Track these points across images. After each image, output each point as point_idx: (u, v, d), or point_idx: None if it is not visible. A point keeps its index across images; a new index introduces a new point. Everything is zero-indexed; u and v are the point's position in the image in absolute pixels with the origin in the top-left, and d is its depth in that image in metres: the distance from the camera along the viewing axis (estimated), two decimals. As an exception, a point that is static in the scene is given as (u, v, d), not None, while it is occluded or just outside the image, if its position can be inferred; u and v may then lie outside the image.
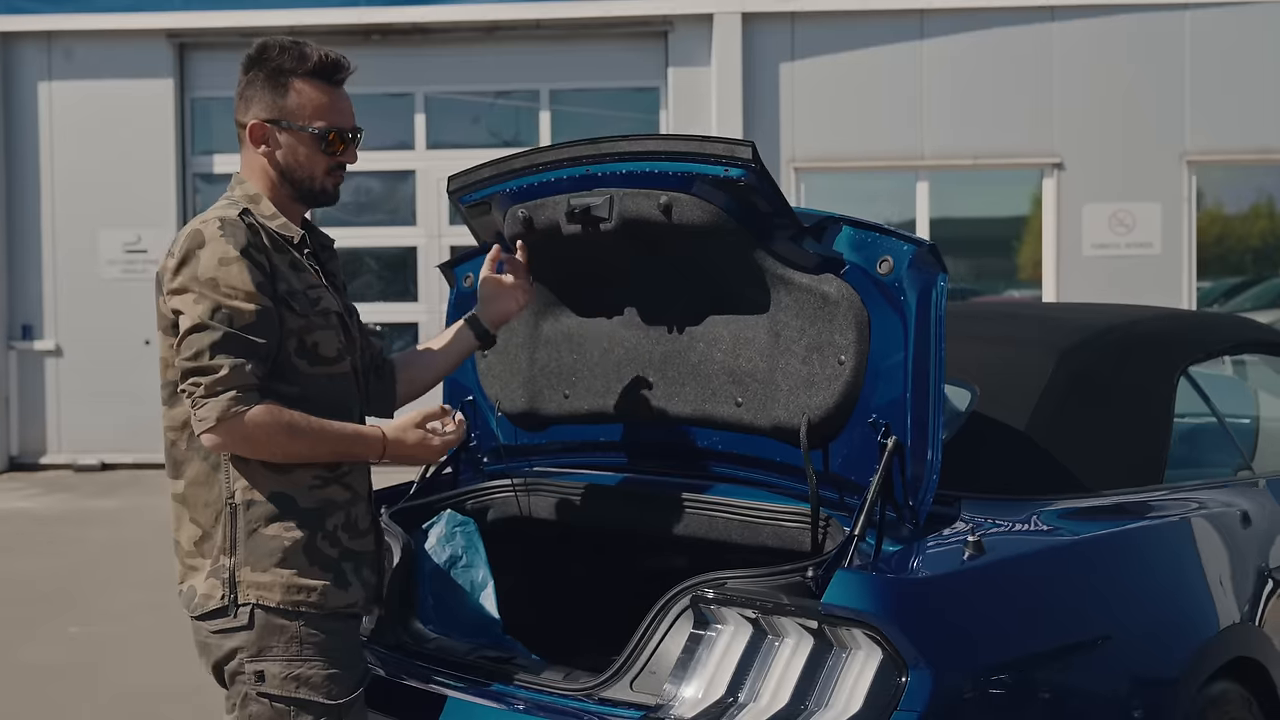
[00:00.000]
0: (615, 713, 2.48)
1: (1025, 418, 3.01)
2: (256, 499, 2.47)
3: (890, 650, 2.31)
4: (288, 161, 2.58)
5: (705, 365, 2.96)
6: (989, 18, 10.86)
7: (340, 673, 2.50)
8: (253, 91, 2.59)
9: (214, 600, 2.47)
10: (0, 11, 10.98)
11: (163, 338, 2.53)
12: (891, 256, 2.64)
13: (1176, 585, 2.84)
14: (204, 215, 2.53)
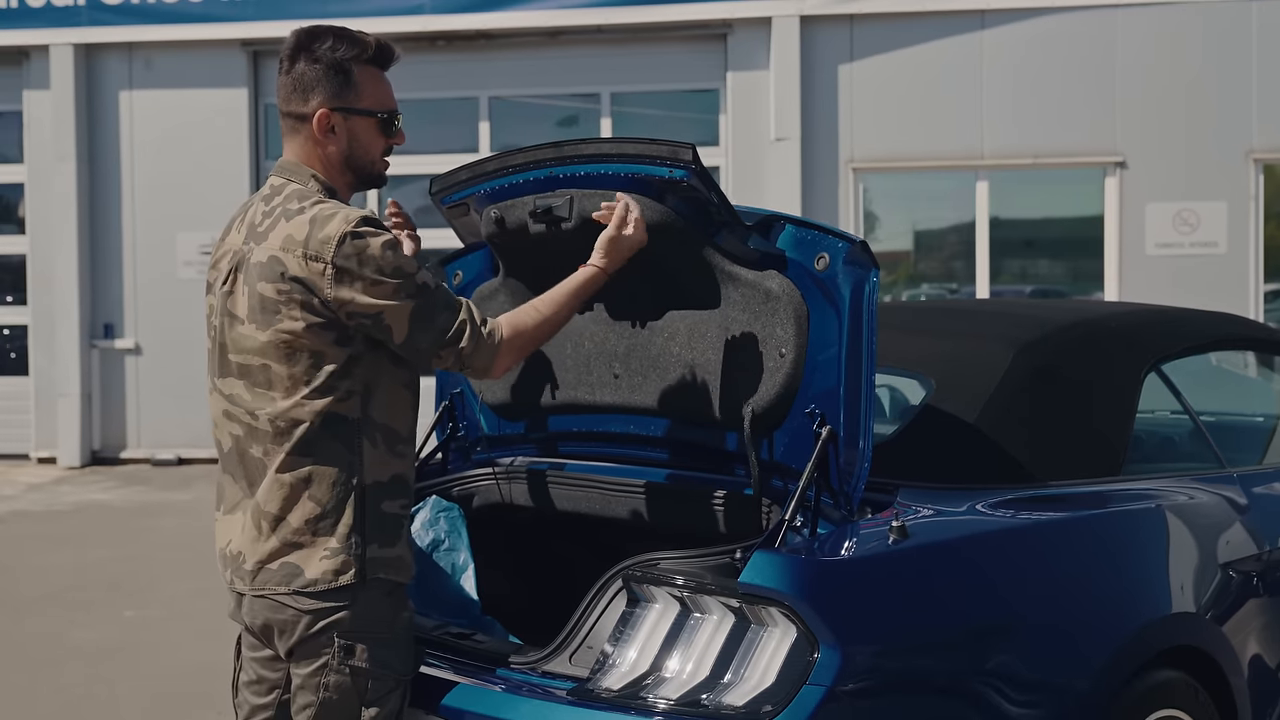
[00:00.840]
0: (552, 684, 2.62)
1: (978, 410, 3.09)
2: (382, 479, 2.62)
3: (803, 628, 2.42)
4: (352, 147, 2.71)
5: (664, 358, 3.10)
6: (1049, 15, 10.80)
7: (408, 651, 2.68)
8: (313, 81, 2.67)
9: (345, 577, 2.54)
10: (84, 24, 11.45)
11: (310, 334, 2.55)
12: (828, 253, 2.75)
13: (1111, 574, 2.90)
14: (329, 217, 2.56)
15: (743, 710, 2.41)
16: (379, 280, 2.53)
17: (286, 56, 2.72)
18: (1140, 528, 3.06)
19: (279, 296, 2.56)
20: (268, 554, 2.59)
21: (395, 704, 2.63)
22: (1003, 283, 11.20)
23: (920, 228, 11.84)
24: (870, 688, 2.46)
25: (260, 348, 2.60)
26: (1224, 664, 3.07)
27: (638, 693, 2.51)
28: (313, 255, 2.54)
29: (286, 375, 2.58)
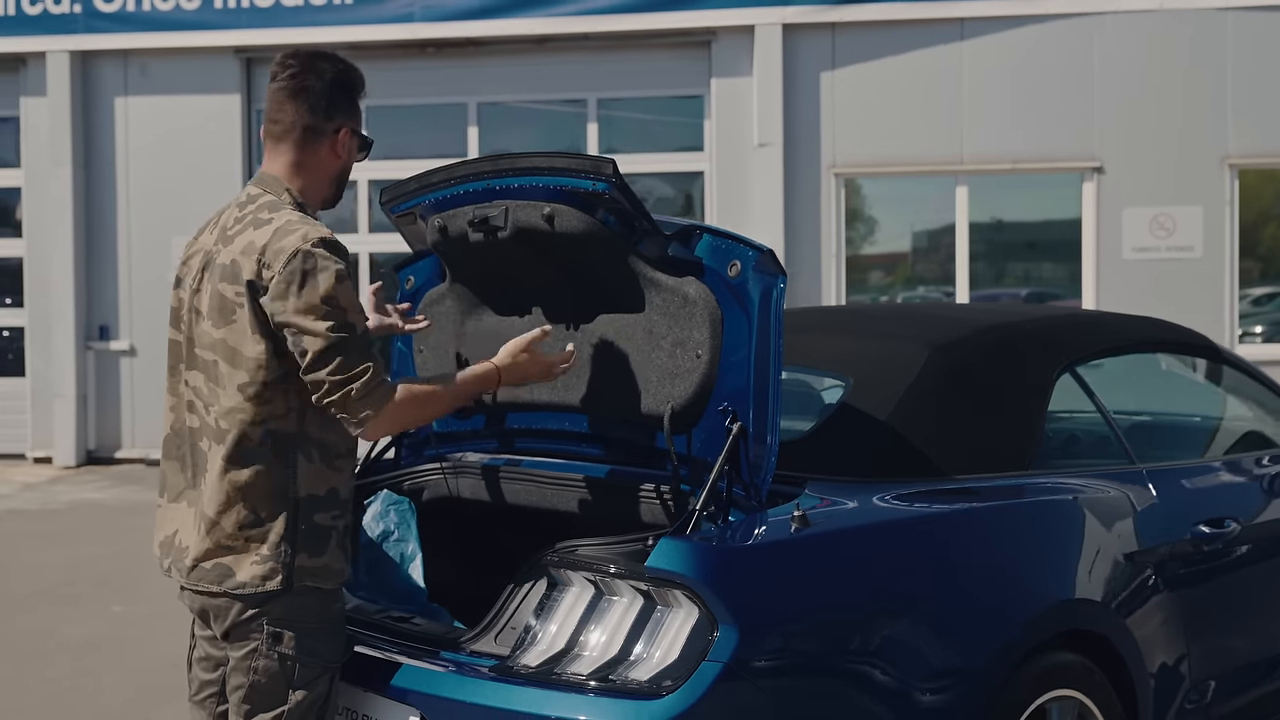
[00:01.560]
0: (478, 662, 2.81)
1: (890, 407, 3.28)
2: (316, 493, 2.75)
3: (704, 609, 2.61)
4: (346, 166, 2.94)
5: (595, 359, 3.29)
6: (1028, 23, 10.99)
7: (336, 640, 2.85)
8: (335, 100, 2.84)
9: (272, 583, 2.69)
10: (80, 31, 11.67)
11: (255, 340, 2.70)
12: (740, 261, 2.93)
13: (1008, 561, 3.08)
14: (292, 229, 2.71)
15: (646, 684, 2.60)
16: (313, 304, 2.66)
17: (296, 73, 2.86)
18: (1040, 518, 3.24)
19: (235, 299, 2.73)
20: (204, 552, 2.76)
21: (323, 688, 2.80)
22: (983, 287, 11.38)
23: (901, 232, 12.03)
24: (767, 666, 2.64)
25: (214, 344, 2.76)
26: (1121, 648, 3.25)
27: (553, 669, 2.70)
28: (265, 262, 2.70)
29: (229, 375, 2.74)
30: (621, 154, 11.75)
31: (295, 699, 2.76)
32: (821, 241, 11.23)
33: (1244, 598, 3.77)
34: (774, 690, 2.65)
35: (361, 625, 3.15)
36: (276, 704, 2.75)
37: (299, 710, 2.77)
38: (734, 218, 11.26)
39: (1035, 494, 3.29)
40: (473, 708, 2.73)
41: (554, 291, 3.40)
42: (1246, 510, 3.81)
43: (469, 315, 3.65)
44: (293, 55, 2.90)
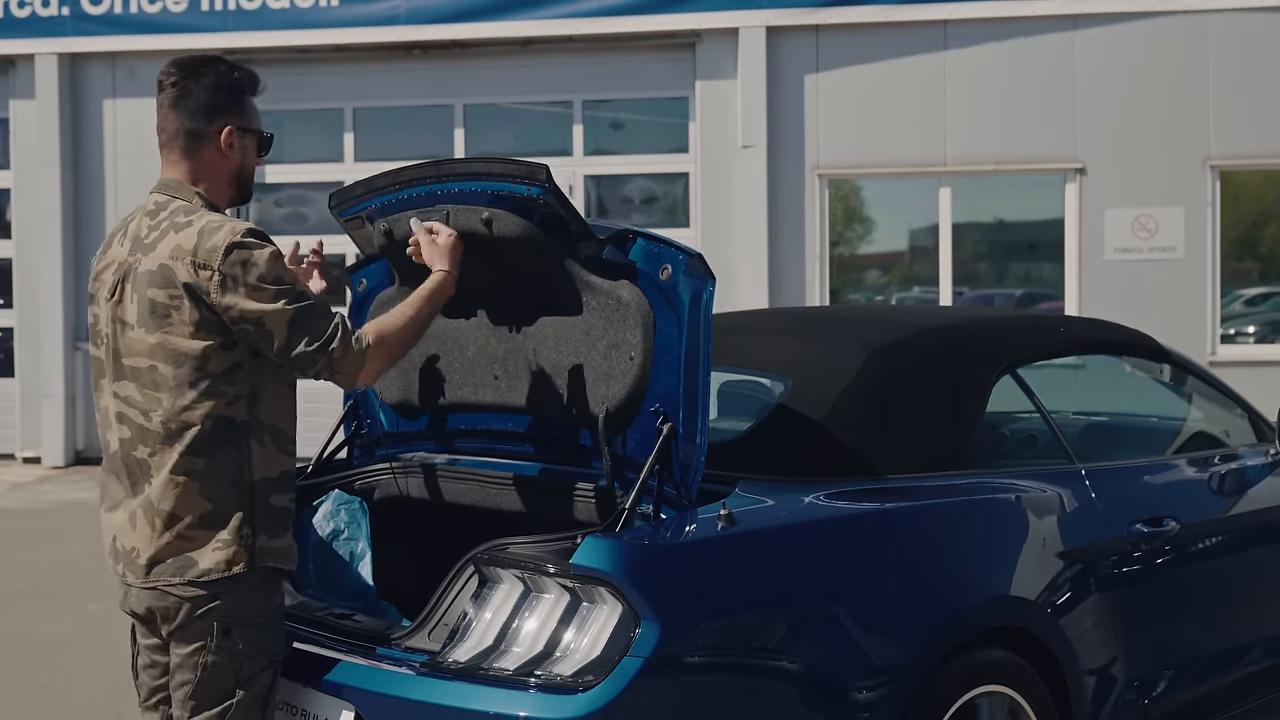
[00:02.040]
0: (411, 657, 2.87)
1: (827, 408, 3.34)
2: (271, 476, 2.84)
3: (627, 605, 2.67)
4: (244, 163, 3.02)
5: (536, 361, 3.35)
6: (1011, 27, 11.03)
7: (280, 635, 2.93)
8: (214, 103, 2.94)
9: (237, 567, 2.77)
10: (69, 34, 11.74)
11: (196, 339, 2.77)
12: (670, 264, 2.99)
13: (934, 559, 3.14)
14: (217, 228, 2.79)
15: (570, 679, 2.65)
16: (261, 288, 2.75)
17: (176, 81, 2.95)
18: (971, 517, 3.30)
19: (170, 302, 2.78)
20: (162, 549, 2.80)
21: (266, 682, 2.87)
22: (965, 287, 11.43)
23: (885, 233, 12.09)
24: (690, 661, 2.70)
25: (149, 350, 2.80)
26: (1053, 646, 3.31)
27: (480, 664, 2.76)
28: (200, 263, 2.76)
29: (173, 377, 2.79)
30: (607, 155, 11.83)
31: (240, 694, 2.82)
32: (805, 242, 11.28)
33: (1184, 597, 3.82)
34: (697, 686, 2.71)
35: (303, 622, 3.21)
36: (223, 699, 2.82)
37: (244, 704, 2.83)
38: (718, 219, 11.33)
39: (967, 493, 3.34)
40: (404, 702, 2.80)
41: (497, 294, 3.45)
42: (1188, 510, 3.86)
43: None
44: (174, 64, 2.99)
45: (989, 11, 11.02)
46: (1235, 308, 11.37)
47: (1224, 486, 4.10)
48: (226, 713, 2.81)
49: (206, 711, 2.82)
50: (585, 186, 11.74)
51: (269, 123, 11.59)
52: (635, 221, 11.78)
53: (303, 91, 11.91)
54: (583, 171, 11.70)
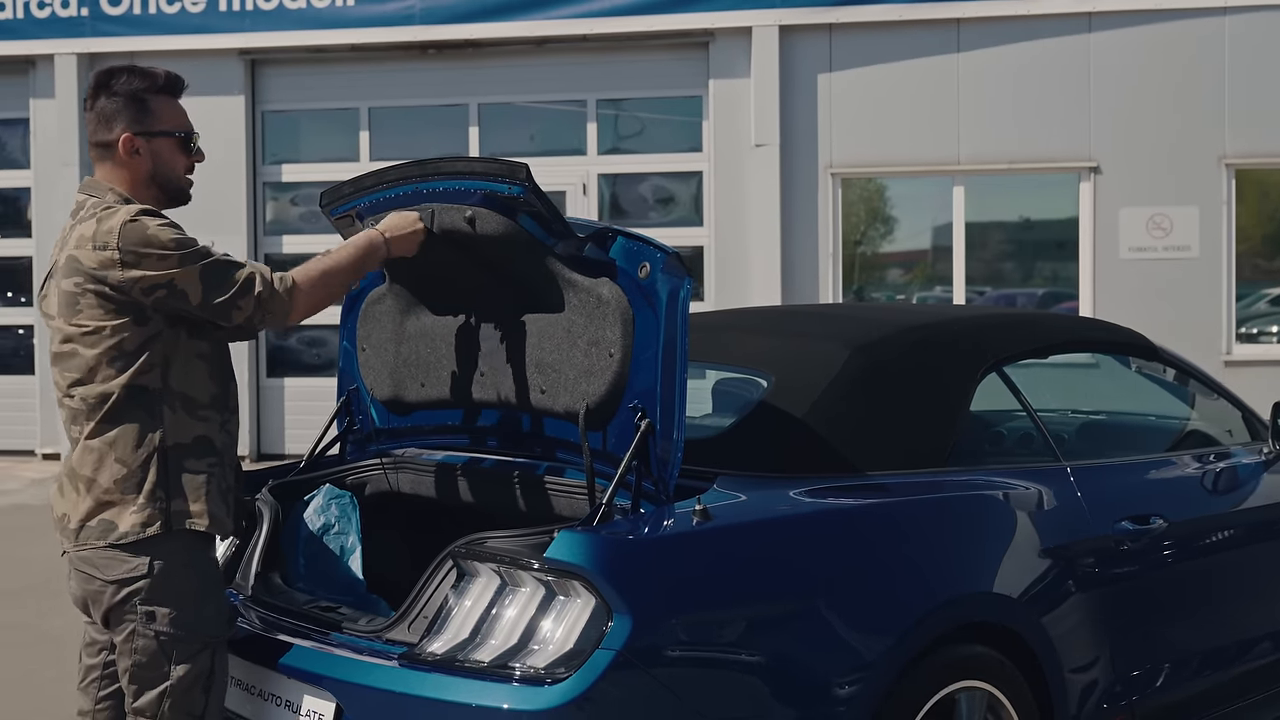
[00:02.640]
0: (389, 649, 2.91)
1: (808, 405, 3.35)
2: (184, 441, 2.94)
3: (600, 599, 2.70)
4: (157, 166, 3.07)
5: (519, 358, 3.38)
6: (1024, 25, 11.01)
7: (215, 614, 2.99)
8: (113, 112, 3.04)
9: (152, 529, 2.87)
10: (87, 34, 11.84)
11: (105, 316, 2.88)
12: (649, 262, 3.02)
13: (911, 555, 3.15)
14: (114, 213, 2.89)
15: (542, 671, 2.68)
16: (164, 255, 2.85)
17: (90, 95, 3.10)
18: (951, 513, 3.30)
19: (76, 289, 2.91)
20: (86, 512, 2.93)
21: (204, 663, 2.94)
22: (979, 286, 11.41)
23: (897, 232, 12.08)
24: (662, 654, 2.72)
25: (68, 335, 2.95)
26: (1033, 642, 3.32)
27: (456, 656, 2.79)
28: (99, 245, 2.87)
29: (91, 357, 2.92)
30: (621, 154, 11.85)
31: (177, 674, 2.90)
32: (819, 241, 11.29)
33: (1171, 595, 3.81)
34: (669, 679, 2.73)
35: (288, 614, 3.27)
36: (159, 681, 2.90)
37: (182, 685, 2.91)
38: (732, 217, 11.34)
39: (947, 489, 3.35)
40: (381, 693, 2.84)
41: (482, 292, 3.49)
42: (1176, 508, 3.86)
43: (408, 314, 3.74)
44: (92, 78, 3.13)
45: (1002, 10, 11.00)
46: (1260, 307, 11.31)
47: (1216, 485, 4.10)
48: (164, 696, 2.90)
49: (146, 694, 2.92)
50: (599, 185, 11.78)
51: (285, 122, 11.74)
52: (650, 220, 11.82)
53: (319, 91, 12.00)
54: (596, 170, 11.74)
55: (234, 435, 3.12)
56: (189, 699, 2.92)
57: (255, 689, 3.18)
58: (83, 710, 3.17)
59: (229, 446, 3.08)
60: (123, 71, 3.09)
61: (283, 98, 12.04)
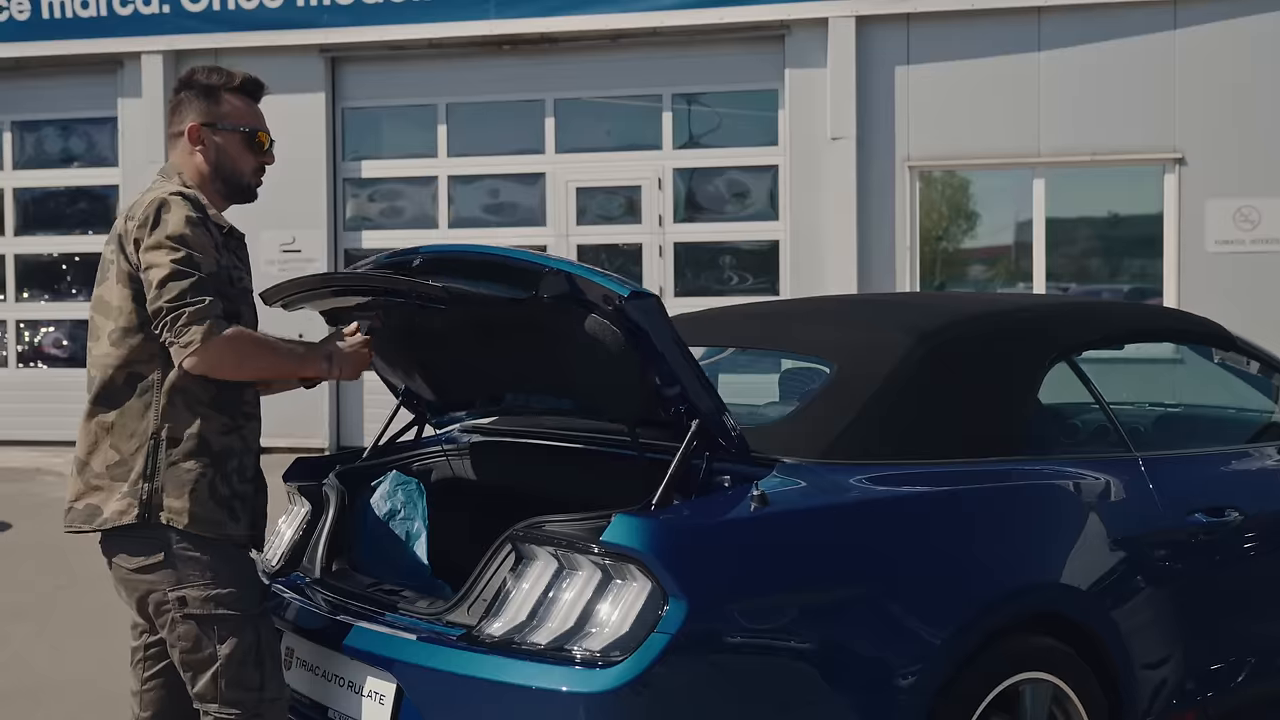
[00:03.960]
0: (449, 631, 2.93)
1: (871, 392, 3.31)
2: (178, 436, 2.94)
3: (656, 582, 2.69)
4: (221, 159, 3.12)
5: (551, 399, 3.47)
6: (1107, 13, 10.81)
7: (246, 591, 3.02)
8: (187, 104, 3.13)
9: (128, 517, 2.90)
10: (170, 31, 12.07)
11: (120, 289, 2.94)
12: (613, 293, 2.88)
13: (975, 544, 3.10)
14: (160, 188, 2.99)
15: (597, 654, 2.68)
16: (161, 241, 2.87)
17: (175, 88, 3.18)
18: (1017, 503, 3.25)
19: (110, 256, 2.99)
20: (75, 494, 2.98)
21: (250, 636, 2.98)
22: (1060, 282, 11.23)
23: (979, 227, 11.92)
24: (717, 639, 2.71)
25: (94, 301, 3.02)
26: (1103, 635, 3.25)
27: (513, 638, 2.80)
28: (131, 215, 2.95)
29: (102, 326, 2.98)
30: (696, 149, 11.83)
31: (224, 652, 2.94)
32: (895, 235, 11.19)
33: (1246, 591, 3.72)
34: (724, 664, 2.72)
35: (352, 597, 3.30)
36: (209, 663, 2.95)
37: (232, 662, 2.95)
38: (807, 212, 11.27)
39: (1012, 478, 3.29)
40: (440, 674, 2.85)
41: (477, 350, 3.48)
42: (1253, 501, 3.77)
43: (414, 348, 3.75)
44: (180, 76, 3.20)
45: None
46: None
47: (1295, 478, 3.99)
48: (217, 677, 2.94)
49: (201, 679, 2.96)
50: (674, 180, 11.77)
51: (364, 119, 11.88)
52: (725, 214, 11.79)
53: (397, 88, 12.13)
54: (671, 165, 11.73)
55: (246, 441, 3.08)
56: (243, 674, 2.95)
57: (319, 669, 3.22)
58: (133, 690, 3.25)
59: (233, 451, 3.02)
60: (204, 68, 3.17)
61: (362, 95, 12.19)
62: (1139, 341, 3.97)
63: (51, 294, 13.09)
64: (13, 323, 13.11)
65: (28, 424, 12.42)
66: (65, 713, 4.88)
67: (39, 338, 13.13)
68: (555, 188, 11.90)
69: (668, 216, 11.75)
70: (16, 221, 13.09)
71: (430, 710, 2.87)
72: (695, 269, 11.87)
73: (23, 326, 13.14)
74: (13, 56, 12.48)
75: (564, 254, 11.81)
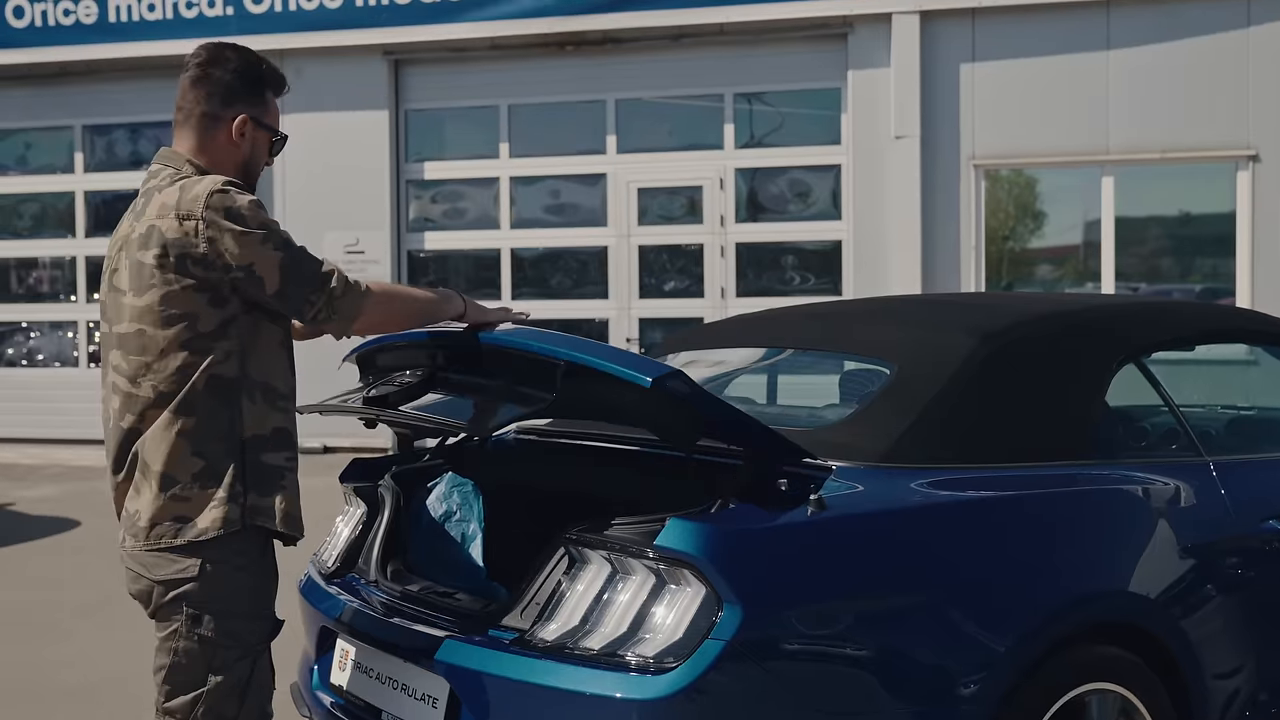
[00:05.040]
0: (502, 635, 2.89)
1: (934, 394, 3.23)
2: (263, 433, 2.83)
3: (710, 588, 2.64)
4: (251, 156, 3.00)
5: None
6: (1179, 7, 10.60)
7: (259, 623, 2.91)
8: (235, 89, 2.93)
9: (232, 525, 2.76)
10: (234, 33, 12.17)
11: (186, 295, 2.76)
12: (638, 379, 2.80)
13: (1038, 550, 3.01)
14: (197, 182, 2.79)
15: (650, 660, 2.64)
16: (247, 231, 2.75)
17: (204, 62, 2.96)
18: (1083, 507, 3.16)
19: (155, 262, 2.78)
20: (159, 510, 2.79)
21: (243, 672, 2.85)
22: (1130, 282, 11.02)
23: (1046, 227, 11.73)
24: (773, 646, 2.66)
25: (138, 313, 2.81)
26: (1173, 646, 3.16)
27: (565, 643, 2.76)
28: (184, 214, 2.76)
29: (163, 339, 2.79)
30: (758, 148, 11.75)
31: (214, 681, 2.82)
32: (960, 235, 11.05)
33: (1324, 599, 3.60)
34: (780, 671, 2.66)
35: (406, 599, 3.28)
36: (195, 686, 2.82)
37: (218, 693, 2.83)
38: (871, 211, 11.17)
39: (1078, 483, 3.21)
40: (493, 678, 2.83)
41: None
42: (1332, 507, 3.64)
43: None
44: (203, 47, 3.01)
45: (1155, -7, 10.62)
46: None
47: (1377, 484, 3.85)
48: (198, 701, 2.82)
49: (180, 697, 2.84)
50: (736, 180, 11.70)
51: (428, 121, 11.99)
52: (788, 214, 11.71)
53: (459, 90, 12.17)
54: (733, 165, 11.67)
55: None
56: (223, 706, 2.83)
57: (373, 672, 3.20)
58: (156, 703, 3.05)
59: (295, 442, 2.95)
60: (247, 51, 3.02)
61: (424, 97, 12.24)
62: (1210, 342, 3.86)
63: (120, 295, 13.26)
64: (83, 323, 13.31)
65: (98, 424, 12.51)
66: (125, 710, 4.92)
67: (108, 338, 13.31)
68: (616, 188, 11.89)
69: (729, 217, 11.69)
70: (87, 223, 13.29)
71: (483, 714, 2.85)
72: (757, 269, 11.80)
73: (92, 327, 13.34)
74: (84, 59, 12.67)
75: (625, 255, 11.81)
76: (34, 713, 5.00)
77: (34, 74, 13.00)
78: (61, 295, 13.45)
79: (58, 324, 13.48)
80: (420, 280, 12.31)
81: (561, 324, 12.07)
